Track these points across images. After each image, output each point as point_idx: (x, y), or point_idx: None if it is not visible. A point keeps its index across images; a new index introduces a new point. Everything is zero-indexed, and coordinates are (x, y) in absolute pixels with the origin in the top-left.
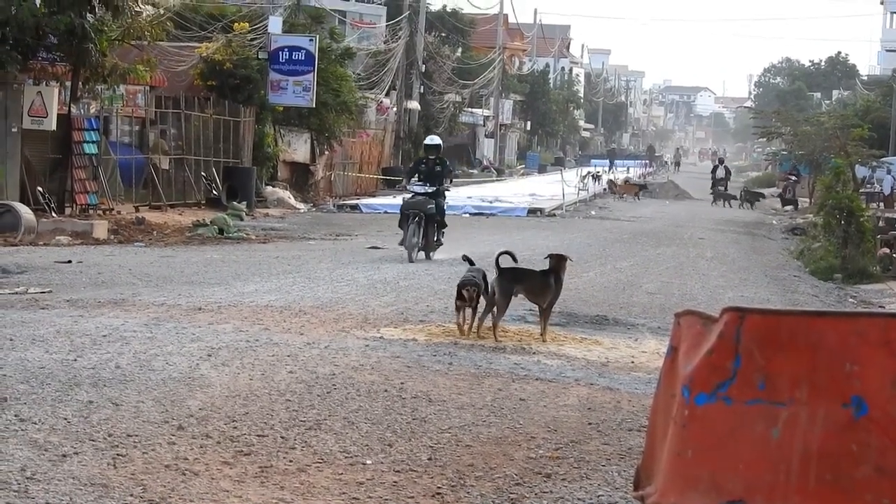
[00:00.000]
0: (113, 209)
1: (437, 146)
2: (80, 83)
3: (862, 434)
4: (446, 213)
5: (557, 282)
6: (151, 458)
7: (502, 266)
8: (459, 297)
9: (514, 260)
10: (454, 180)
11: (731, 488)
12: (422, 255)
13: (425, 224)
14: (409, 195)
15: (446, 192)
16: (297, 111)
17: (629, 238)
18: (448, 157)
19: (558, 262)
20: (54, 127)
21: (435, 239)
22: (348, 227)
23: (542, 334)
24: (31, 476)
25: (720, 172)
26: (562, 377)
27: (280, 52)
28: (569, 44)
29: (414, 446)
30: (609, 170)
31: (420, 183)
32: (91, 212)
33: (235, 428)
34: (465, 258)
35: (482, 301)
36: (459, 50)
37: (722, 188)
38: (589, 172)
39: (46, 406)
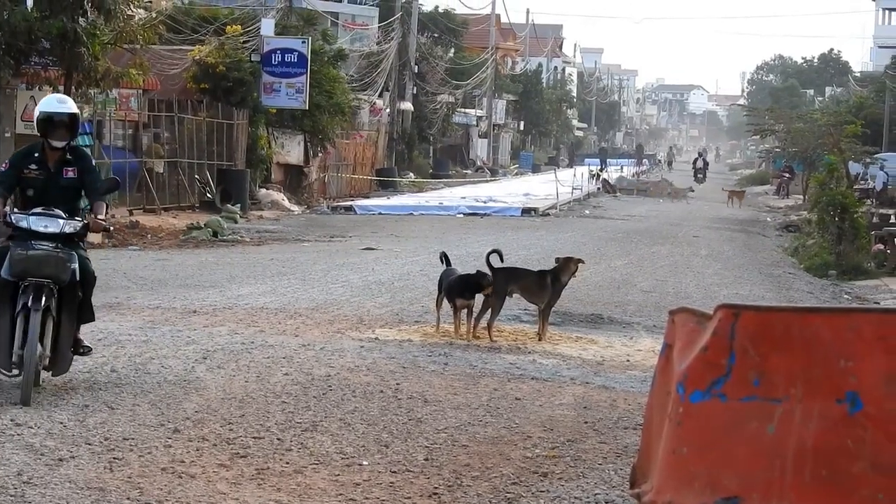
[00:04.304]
0: (107, 213)
1: (71, 118)
2: (73, 87)
3: (857, 430)
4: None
5: (555, 283)
6: (148, 462)
7: (497, 266)
8: (453, 304)
9: (501, 258)
10: (448, 180)
11: (726, 485)
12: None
13: (57, 309)
14: (17, 244)
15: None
16: (290, 113)
17: (623, 237)
18: (442, 158)
19: (564, 264)
20: None
21: (72, 344)
22: (342, 229)
23: (538, 334)
24: (27, 480)
25: (699, 163)
26: (557, 376)
27: (273, 55)
28: (561, 43)
29: (410, 447)
30: (601, 169)
31: (43, 211)
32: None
33: (231, 430)
34: (443, 256)
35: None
36: (452, 50)
37: (701, 175)
38: (591, 172)
39: (42, 410)
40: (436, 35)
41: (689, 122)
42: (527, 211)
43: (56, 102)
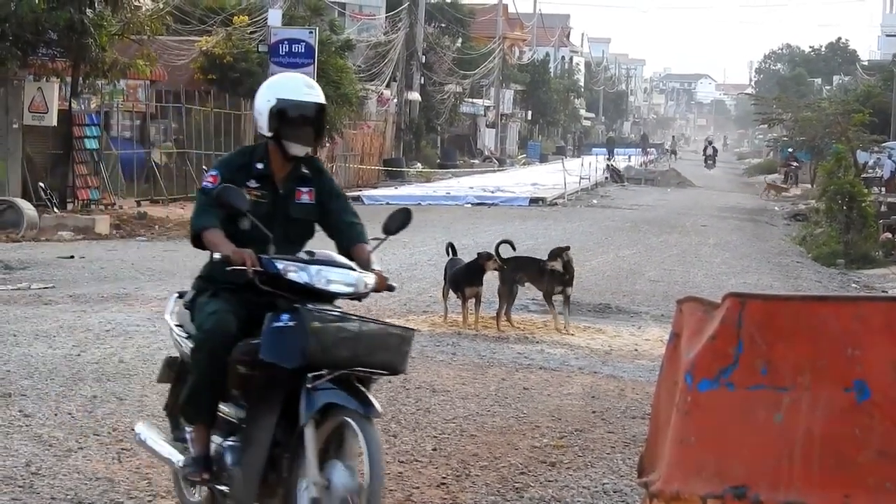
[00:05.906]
0: (115, 204)
1: (319, 111)
2: (81, 78)
3: (865, 418)
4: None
5: (553, 272)
6: None
7: (504, 256)
8: (462, 294)
9: (513, 248)
10: (456, 170)
11: (734, 474)
12: None
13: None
14: (315, 310)
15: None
16: None
17: (631, 226)
18: (450, 148)
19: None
20: (55, 122)
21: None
22: None
23: (556, 326)
24: (36, 471)
25: (709, 151)
26: (565, 366)
27: (280, 45)
28: (569, 33)
29: (419, 437)
30: (609, 158)
31: (316, 257)
32: (93, 207)
33: None
34: (449, 247)
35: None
36: (459, 40)
37: (711, 162)
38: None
39: (51, 401)
40: (443, 25)
41: (696, 112)
42: (535, 200)
43: (304, 87)
